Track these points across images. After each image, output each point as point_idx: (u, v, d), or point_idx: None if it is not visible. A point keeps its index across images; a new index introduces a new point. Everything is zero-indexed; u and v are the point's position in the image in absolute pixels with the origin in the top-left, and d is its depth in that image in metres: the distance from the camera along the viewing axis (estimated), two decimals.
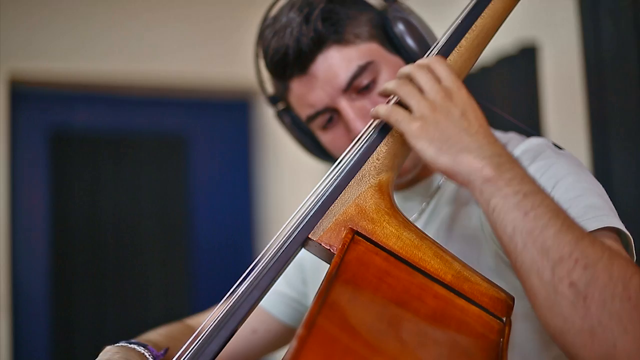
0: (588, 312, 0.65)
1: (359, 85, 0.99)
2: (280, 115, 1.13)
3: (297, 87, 1.02)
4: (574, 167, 0.88)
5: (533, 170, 0.88)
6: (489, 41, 0.88)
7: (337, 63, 0.98)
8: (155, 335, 1.08)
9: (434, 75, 0.79)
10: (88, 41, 2.98)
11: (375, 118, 0.83)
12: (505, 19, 0.88)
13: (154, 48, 3.06)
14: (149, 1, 3.10)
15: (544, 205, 0.69)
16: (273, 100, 1.13)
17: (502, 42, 1.87)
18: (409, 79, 0.80)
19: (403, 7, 1.01)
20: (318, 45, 0.98)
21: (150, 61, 3.07)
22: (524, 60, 1.87)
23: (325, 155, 1.12)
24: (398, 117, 0.78)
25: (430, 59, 0.81)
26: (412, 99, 0.78)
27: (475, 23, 0.86)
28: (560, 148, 0.95)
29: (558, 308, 0.66)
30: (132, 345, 0.93)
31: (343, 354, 0.60)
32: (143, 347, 0.93)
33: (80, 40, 2.97)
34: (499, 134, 1.03)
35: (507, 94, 1.90)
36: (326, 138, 1.05)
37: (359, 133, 0.90)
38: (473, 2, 0.88)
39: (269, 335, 1.17)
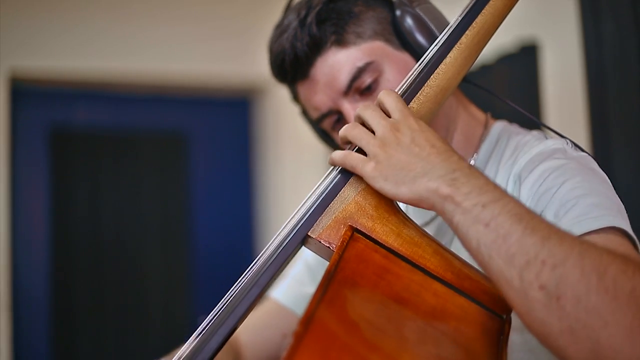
0: (564, 312, 0.63)
1: (360, 87, 0.98)
2: (303, 114, 1.12)
3: (302, 91, 1.02)
4: (584, 170, 0.86)
5: (541, 170, 0.87)
6: (489, 39, 0.88)
7: (336, 66, 0.97)
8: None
9: (383, 109, 0.80)
10: (88, 39, 2.98)
11: (332, 165, 0.83)
12: (505, 16, 0.88)
13: (154, 46, 3.06)
14: None
15: (505, 212, 0.68)
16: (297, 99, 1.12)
17: (503, 40, 1.86)
18: (359, 120, 0.81)
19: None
20: (315, 49, 0.97)
21: (150, 59, 3.07)
22: (525, 58, 1.86)
23: None
24: (352, 163, 0.78)
25: (380, 94, 0.81)
26: (360, 140, 0.78)
27: (475, 20, 0.86)
28: (581, 149, 0.92)
29: (534, 313, 0.65)
30: None
31: (340, 350, 0.60)
32: None
33: (81, 38, 2.97)
34: (522, 133, 1.01)
35: (507, 93, 1.90)
36: (337, 138, 1.04)
37: None
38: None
39: None
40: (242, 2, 3.07)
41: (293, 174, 3.11)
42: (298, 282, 1.17)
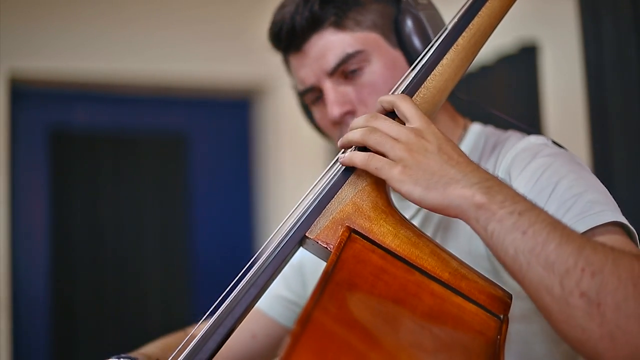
0: (604, 319, 0.64)
1: (345, 70, 1.00)
2: (294, 88, 1.15)
3: (293, 62, 1.05)
4: (573, 165, 0.88)
5: (533, 168, 0.88)
6: (486, 40, 0.88)
7: (328, 46, 1.00)
8: (152, 348, 1.09)
9: (398, 114, 0.79)
10: (88, 40, 2.98)
11: (350, 165, 0.79)
12: (502, 17, 0.88)
13: (154, 47, 3.06)
14: (149, 0, 3.10)
15: (540, 220, 0.69)
16: None
17: (503, 41, 1.86)
18: (373, 127, 0.78)
19: (420, 2, 1.00)
20: (312, 25, 1.00)
21: (150, 60, 3.07)
22: (525, 59, 1.87)
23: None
24: (377, 165, 0.75)
25: (394, 97, 0.80)
26: (384, 145, 0.76)
27: (472, 22, 0.86)
28: (560, 146, 0.94)
29: (574, 320, 0.66)
30: None
31: (337, 350, 0.60)
32: None
33: (80, 39, 2.97)
34: (498, 132, 1.03)
35: (507, 94, 1.90)
36: (316, 114, 1.08)
37: (333, 118, 0.97)
38: (470, 0, 0.88)
39: (269, 340, 1.17)
40: (243, 3, 3.07)
41: (293, 175, 3.11)
42: None
